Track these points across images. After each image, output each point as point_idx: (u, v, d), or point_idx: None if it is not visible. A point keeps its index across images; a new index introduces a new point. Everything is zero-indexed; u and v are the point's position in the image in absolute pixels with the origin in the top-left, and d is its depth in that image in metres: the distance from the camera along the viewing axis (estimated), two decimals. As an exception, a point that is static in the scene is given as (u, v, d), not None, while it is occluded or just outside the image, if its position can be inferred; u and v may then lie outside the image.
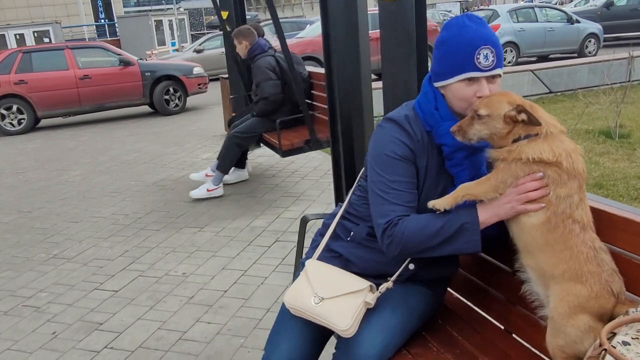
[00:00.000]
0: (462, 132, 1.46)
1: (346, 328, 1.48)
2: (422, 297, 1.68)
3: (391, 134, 1.56)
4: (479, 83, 1.48)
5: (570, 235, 1.36)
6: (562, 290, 1.36)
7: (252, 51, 4.75)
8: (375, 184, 1.55)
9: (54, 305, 3.18)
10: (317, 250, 1.73)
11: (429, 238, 1.46)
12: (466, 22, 1.49)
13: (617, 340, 1.15)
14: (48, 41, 19.02)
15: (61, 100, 9.43)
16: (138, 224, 4.42)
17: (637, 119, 6.59)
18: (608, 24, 14.97)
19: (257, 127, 4.80)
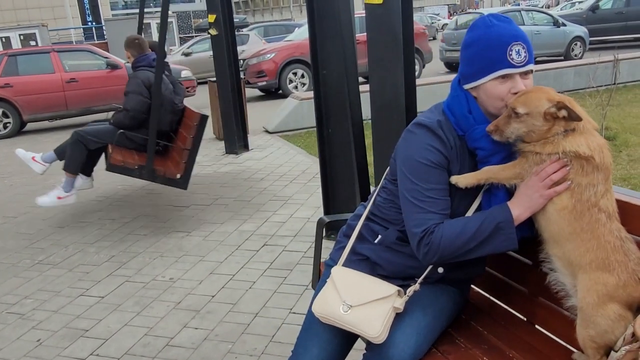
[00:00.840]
0: (499, 132, 1.45)
1: (377, 335, 1.47)
2: (451, 297, 1.68)
3: (424, 140, 1.53)
4: (513, 79, 1.46)
5: (597, 224, 1.37)
6: (590, 279, 1.36)
7: (137, 62, 4.46)
8: (409, 192, 1.53)
9: (38, 312, 3.14)
10: (344, 254, 1.71)
11: (466, 242, 1.46)
12: (493, 21, 1.49)
13: None
14: (34, 44, 18.86)
15: (47, 103, 9.35)
16: (125, 229, 4.38)
17: (622, 121, 6.67)
18: (593, 27, 15.14)
19: (105, 135, 4.40)
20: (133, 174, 4.26)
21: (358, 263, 1.69)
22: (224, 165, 6.25)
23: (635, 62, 9.59)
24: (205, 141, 7.58)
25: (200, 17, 31.38)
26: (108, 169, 4.31)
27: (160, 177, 4.22)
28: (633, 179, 4.58)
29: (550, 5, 40.15)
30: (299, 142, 7.18)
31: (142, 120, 4.35)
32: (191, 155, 4.18)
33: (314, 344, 1.63)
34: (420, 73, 11.59)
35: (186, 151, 4.18)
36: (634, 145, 5.58)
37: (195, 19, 33.55)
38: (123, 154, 4.38)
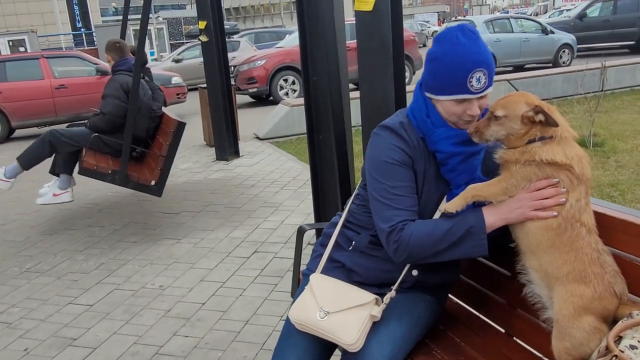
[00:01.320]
0: (479, 134, 1.47)
1: (352, 342, 1.47)
2: (427, 305, 1.68)
3: (388, 140, 1.57)
4: (470, 102, 1.50)
5: (577, 237, 1.37)
6: (566, 291, 1.37)
7: (117, 66, 4.41)
8: (376, 191, 1.56)
9: (26, 320, 3.10)
10: (321, 262, 1.72)
11: (436, 243, 1.47)
12: (460, 38, 1.48)
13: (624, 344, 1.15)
14: (23, 50, 18.75)
15: (36, 110, 9.29)
16: (114, 236, 4.35)
17: (610, 127, 6.73)
18: (581, 34, 15.33)
19: (79, 138, 4.32)
20: (105, 179, 4.19)
21: (334, 270, 1.69)
22: (215, 172, 6.23)
23: (622, 69, 9.71)
24: (196, 148, 7.58)
25: (191, 23, 31.37)
26: (80, 173, 4.20)
27: (133, 182, 4.17)
28: (621, 184, 4.62)
29: (539, 13, 40.62)
30: (290, 148, 7.18)
31: (119, 125, 4.27)
32: (167, 162, 4.13)
33: (291, 352, 1.61)
34: (410, 80, 11.65)
35: (162, 158, 4.15)
36: (621, 152, 5.63)
37: (186, 26, 33.53)
38: (97, 158, 4.30)
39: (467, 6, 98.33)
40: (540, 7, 49.77)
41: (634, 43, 15.57)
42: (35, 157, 4.32)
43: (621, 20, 15.69)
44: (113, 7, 53.92)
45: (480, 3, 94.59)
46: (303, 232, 2.17)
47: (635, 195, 4.36)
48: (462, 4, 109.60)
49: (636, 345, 1.14)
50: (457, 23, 1.53)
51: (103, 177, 4.18)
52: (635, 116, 7.42)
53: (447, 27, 1.54)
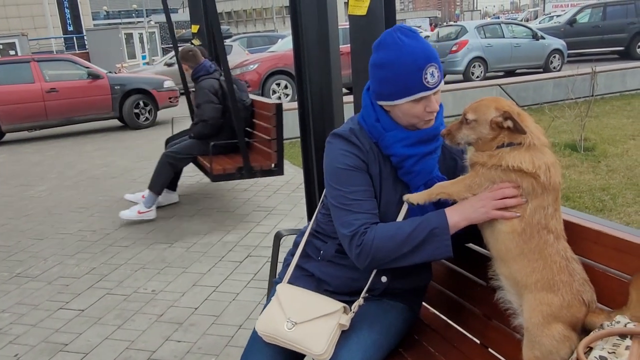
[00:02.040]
0: (450, 136, 1.48)
1: (322, 352, 1.45)
2: (399, 313, 1.66)
3: (339, 147, 1.56)
4: (427, 99, 1.49)
5: (545, 245, 1.37)
6: (535, 299, 1.37)
7: (196, 72, 4.66)
8: (335, 198, 1.54)
9: (16, 326, 3.06)
10: (289, 271, 1.70)
11: (399, 245, 1.44)
12: (403, 39, 1.47)
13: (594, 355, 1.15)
14: (14, 54, 18.62)
15: (27, 113, 9.22)
16: (106, 240, 4.31)
17: (600, 132, 6.79)
18: (571, 40, 15.47)
19: (192, 149, 4.67)
20: (235, 177, 4.49)
21: (304, 279, 1.68)
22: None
23: (612, 74, 9.81)
24: (188, 152, 7.54)
25: (183, 27, 31.32)
26: (214, 180, 4.55)
27: (258, 171, 4.50)
28: (612, 188, 4.65)
29: (529, 18, 40.95)
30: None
31: (219, 126, 4.62)
32: (279, 143, 4.44)
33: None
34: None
35: (274, 141, 4.42)
36: (612, 156, 5.68)
37: (178, 30, 33.48)
38: (219, 162, 4.55)
39: (458, 11, 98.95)
40: (531, 12, 50.18)
41: (623, 49, 15.75)
42: (163, 181, 4.66)
43: (611, 26, 15.86)
44: (104, 11, 53.76)
45: (472, 8, 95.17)
46: (280, 238, 2.16)
47: (626, 199, 4.39)
48: (453, 10, 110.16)
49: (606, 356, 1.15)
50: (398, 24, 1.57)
51: (233, 176, 4.50)
52: (625, 121, 7.49)
53: (384, 32, 1.52)
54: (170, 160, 4.61)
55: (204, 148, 4.56)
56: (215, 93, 4.58)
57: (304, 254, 1.72)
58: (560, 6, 40.73)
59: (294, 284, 1.68)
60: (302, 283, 1.67)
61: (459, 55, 13.41)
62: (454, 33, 14.46)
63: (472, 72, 13.47)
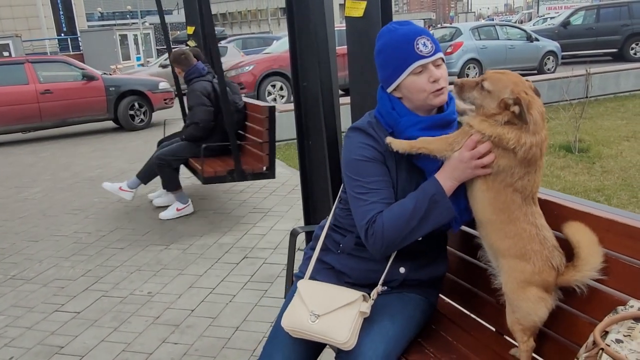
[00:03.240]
0: (460, 89, 1.51)
1: (345, 340, 1.49)
2: (418, 305, 1.71)
3: (358, 140, 1.63)
4: (428, 69, 1.55)
5: (513, 205, 1.44)
6: (509, 266, 1.46)
7: (189, 75, 4.65)
8: (353, 189, 1.60)
9: (11, 328, 3.05)
10: (311, 264, 1.75)
11: (407, 222, 1.50)
12: (395, 26, 1.60)
13: (610, 338, 1.19)
14: (8, 55, 18.54)
15: (21, 115, 9.17)
16: (101, 242, 4.30)
17: (595, 133, 6.83)
18: (565, 42, 15.55)
19: (183, 151, 4.65)
20: (226, 180, 4.45)
21: (325, 272, 1.74)
22: (203, 178, 6.18)
23: (606, 76, 9.86)
24: (184, 153, 7.51)
25: (178, 29, 31.26)
26: (205, 183, 4.52)
27: (250, 174, 4.46)
28: (606, 189, 4.68)
29: (523, 20, 41.11)
30: (279, 154, 7.16)
31: (211, 128, 4.60)
32: (271, 146, 4.43)
33: (278, 352, 1.64)
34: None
35: (266, 144, 4.42)
36: (606, 157, 5.71)
37: (172, 31, 33.41)
38: (211, 165, 4.52)
39: (452, 13, 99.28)
40: (525, 14, 50.39)
41: (616, 51, 15.83)
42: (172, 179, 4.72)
43: (604, 28, 15.95)
44: (99, 12, 53.61)
45: (466, 10, 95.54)
46: (296, 235, 2.18)
47: (621, 200, 4.41)
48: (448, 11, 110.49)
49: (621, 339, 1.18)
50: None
51: (224, 179, 4.45)
52: (619, 122, 7.54)
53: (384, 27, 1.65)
54: (161, 162, 4.61)
55: (195, 150, 4.54)
56: (207, 95, 4.56)
57: (323, 247, 1.77)
58: (554, 8, 40.93)
59: (315, 277, 1.73)
60: (323, 276, 1.73)
61: (454, 57, 13.45)
62: (449, 35, 14.51)
63: (466, 73, 13.52)
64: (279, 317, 1.67)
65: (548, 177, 5.17)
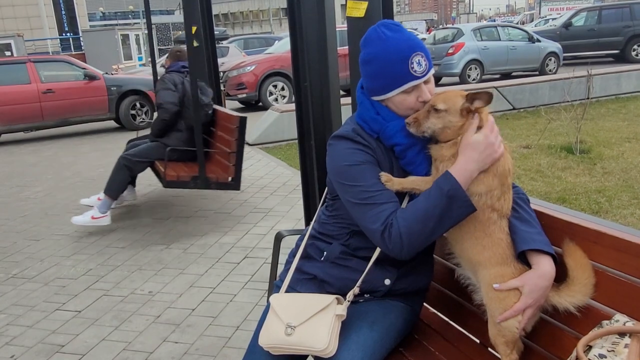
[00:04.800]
0: (417, 124, 1.49)
1: (324, 347, 1.44)
2: (400, 313, 1.66)
3: (345, 146, 1.56)
4: (419, 88, 1.51)
5: (489, 222, 1.46)
6: (490, 275, 1.46)
7: (169, 68, 4.78)
8: (353, 196, 1.52)
9: (12, 327, 3.06)
10: (288, 275, 1.70)
11: (424, 223, 1.43)
12: (386, 32, 1.50)
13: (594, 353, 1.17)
14: (10, 55, 18.57)
15: (23, 114, 9.19)
16: (102, 242, 4.31)
17: (596, 134, 6.82)
18: (567, 43, 15.56)
19: (150, 153, 4.57)
20: (189, 186, 4.35)
21: (305, 282, 1.68)
22: (204, 178, 6.19)
23: (608, 77, 9.86)
24: (185, 153, 7.53)
25: (180, 29, 31.27)
26: (166, 186, 4.39)
27: (214, 183, 4.36)
28: (607, 191, 4.67)
29: (525, 21, 41.10)
30: (280, 154, 7.18)
31: (175, 112, 4.53)
32: (238, 157, 4.36)
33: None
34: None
35: (233, 154, 4.35)
36: (607, 158, 5.71)
37: (174, 31, 33.43)
38: (175, 169, 4.44)
39: (454, 14, 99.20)
40: (527, 15, 50.36)
41: (618, 52, 15.83)
42: (118, 185, 4.52)
43: (606, 29, 15.95)
44: (100, 12, 53.67)
45: (468, 11, 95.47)
46: (281, 239, 2.16)
47: (622, 202, 4.41)
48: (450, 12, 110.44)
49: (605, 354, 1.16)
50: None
51: (186, 185, 4.33)
52: (620, 123, 7.53)
53: (369, 28, 1.56)
54: (127, 164, 4.48)
55: (161, 152, 4.44)
56: (173, 84, 4.59)
57: (304, 255, 1.71)
58: (556, 9, 40.90)
59: (295, 288, 1.69)
60: (303, 286, 1.67)
61: (455, 57, 13.46)
62: (450, 36, 14.51)
63: (468, 74, 13.52)
64: (255, 333, 1.62)
65: (549, 178, 5.17)
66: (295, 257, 1.73)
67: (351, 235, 1.63)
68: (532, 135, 6.98)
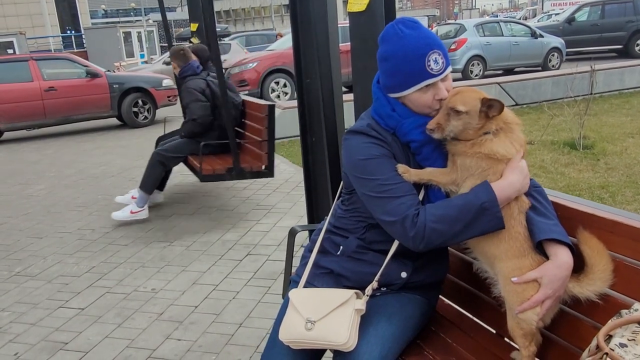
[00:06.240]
0: (440, 129, 1.48)
1: (345, 341, 1.45)
2: (417, 305, 1.67)
3: (360, 141, 1.56)
4: (436, 86, 1.51)
5: (509, 218, 1.45)
6: (507, 267, 1.45)
7: (183, 72, 4.67)
8: (371, 189, 1.52)
9: (16, 324, 3.06)
10: (306, 271, 1.70)
11: (452, 224, 1.43)
12: (404, 30, 1.50)
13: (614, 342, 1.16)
14: (12, 52, 18.59)
15: (25, 112, 9.20)
16: (105, 239, 4.31)
17: (599, 130, 6.80)
18: (570, 38, 15.48)
19: (183, 148, 4.64)
20: (225, 178, 4.43)
21: (322, 277, 1.69)
22: (206, 175, 6.19)
23: (611, 72, 9.82)
24: (187, 150, 7.53)
25: (182, 26, 31.27)
26: (203, 180, 4.50)
27: (248, 173, 4.44)
28: (611, 186, 4.66)
29: (528, 17, 40.93)
30: (282, 151, 7.17)
31: (210, 123, 4.60)
32: (270, 145, 4.38)
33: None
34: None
35: (265, 142, 4.38)
36: (611, 154, 5.68)
37: (176, 28, 33.42)
38: (210, 162, 4.50)
39: (456, 10, 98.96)
40: (529, 11, 50.14)
41: (621, 47, 15.75)
42: (154, 180, 4.63)
43: (609, 24, 15.86)
44: (102, 10, 53.65)
45: (470, 7, 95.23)
46: (295, 234, 2.16)
47: (625, 197, 4.39)
48: (452, 8, 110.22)
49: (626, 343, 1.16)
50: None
51: (222, 177, 4.42)
52: (623, 119, 7.50)
53: (387, 25, 1.56)
54: (161, 159, 4.58)
55: (194, 147, 4.52)
56: (202, 92, 4.56)
57: (321, 250, 1.72)
58: (559, 4, 40.71)
59: (312, 283, 1.69)
60: (320, 281, 1.68)
61: (458, 53, 13.41)
62: (453, 31, 14.46)
63: (471, 70, 13.48)
64: (275, 328, 1.63)
65: (552, 174, 5.15)
66: (311, 253, 1.73)
67: (368, 229, 1.63)
68: (535, 131, 6.95)
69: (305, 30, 3.27)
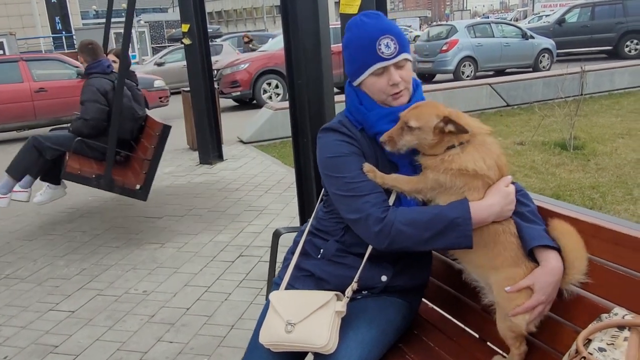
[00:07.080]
0: (392, 142, 1.50)
1: (325, 343, 1.44)
2: (398, 309, 1.66)
3: (331, 139, 1.58)
4: (388, 71, 1.53)
5: (496, 234, 1.45)
6: (502, 276, 1.45)
7: (90, 68, 4.38)
8: (337, 188, 1.53)
9: (5, 328, 3.03)
10: (287, 272, 1.70)
11: (420, 231, 1.43)
12: (363, 19, 1.56)
13: (593, 346, 1.17)
14: (2, 53, 18.44)
15: (15, 113, 9.14)
16: (96, 241, 4.28)
17: (590, 131, 6.85)
18: (560, 39, 15.60)
19: (65, 143, 4.26)
20: (90, 183, 4.06)
21: (303, 280, 1.68)
22: (198, 176, 6.18)
23: (601, 73, 9.90)
24: (179, 151, 7.52)
25: (173, 27, 31.19)
26: (63, 177, 4.12)
27: (118, 187, 4.09)
28: (601, 186, 4.69)
29: (519, 18, 41.16)
30: (274, 152, 7.17)
31: (102, 128, 4.25)
32: (152, 166, 4.11)
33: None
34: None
35: (147, 161, 4.12)
36: (601, 154, 5.73)
37: (168, 29, 33.31)
38: (80, 162, 4.21)
39: (448, 11, 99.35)
40: (520, 12, 50.43)
41: (611, 48, 15.89)
42: (24, 166, 4.24)
43: (599, 26, 16.00)
44: (94, 10, 53.39)
45: (461, 8, 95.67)
46: (279, 236, 2.15)
47: (616, 197, 4.43)
48: (443, 9, 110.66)
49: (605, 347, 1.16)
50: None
51: (87, 181, 4.07)
52: (613, 120, 7.56)
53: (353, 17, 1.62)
54: (37, 145, 4.18)
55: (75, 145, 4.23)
56: (104, 94, 4.26)
57: (303, 252, 1.71)
58: (549, 6, 41.01)
59: (293, 285, 1.68)
60: (301, 283, 1.67)
61: (449, 54, 13.48)
62: (444, 32, 14.52)
63: (462, 71, 13.54)
64: (256, 330, 1.62)
65: (543, 174, 5.18)
66: (293, 255, 1.72)
67: (346, 230, 1.62)
68: (525, 132, 6.99)
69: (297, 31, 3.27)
